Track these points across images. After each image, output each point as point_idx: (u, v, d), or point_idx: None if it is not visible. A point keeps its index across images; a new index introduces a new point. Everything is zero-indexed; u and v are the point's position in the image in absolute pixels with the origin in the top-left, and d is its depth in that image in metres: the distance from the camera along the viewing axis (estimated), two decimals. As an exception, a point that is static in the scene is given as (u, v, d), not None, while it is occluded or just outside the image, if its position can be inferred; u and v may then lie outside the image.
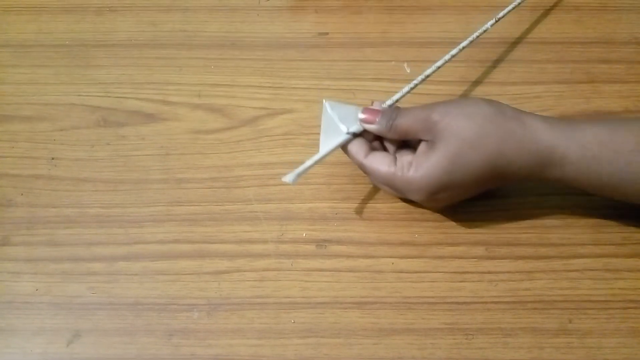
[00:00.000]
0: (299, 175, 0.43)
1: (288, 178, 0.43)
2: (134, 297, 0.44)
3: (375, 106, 0.44)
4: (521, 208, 0.46)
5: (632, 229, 0.45)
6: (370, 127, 0.43)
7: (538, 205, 0.46)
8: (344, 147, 0.44)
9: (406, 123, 0.42)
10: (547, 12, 0.56)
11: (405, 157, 0.42)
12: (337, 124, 0.44)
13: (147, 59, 0.54)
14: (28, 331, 0.43)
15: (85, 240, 0.46)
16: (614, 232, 0.45)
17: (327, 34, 0.55)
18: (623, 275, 0.44)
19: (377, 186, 0.47)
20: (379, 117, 0.43)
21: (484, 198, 0.46)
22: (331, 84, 0.52)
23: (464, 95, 0.52)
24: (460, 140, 0.40)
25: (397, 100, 0.45)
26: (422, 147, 0.42)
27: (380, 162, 0.43)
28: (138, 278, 0.44)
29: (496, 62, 0.53)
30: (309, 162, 0.44)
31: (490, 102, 0.42)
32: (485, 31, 0.48)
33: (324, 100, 0.44)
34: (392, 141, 0.44)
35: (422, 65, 0.46)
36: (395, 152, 0.44)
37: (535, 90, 0.52)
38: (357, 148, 0.44)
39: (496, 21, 0.48)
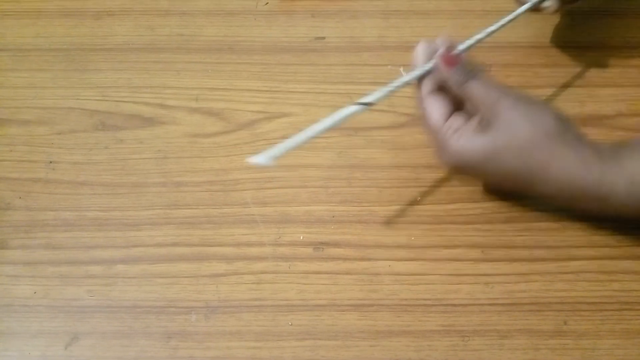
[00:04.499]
0: (276, 156, 0.38)
1: (259, 159, 0.38)
2: (132, 300, 0.44)
3: (443, 47, 0.42)
4: (517, 210, 0.47)
5: (627, 231, 0.45)
6: (443, 74, 0.42)
7: (534, 208, 0.47)
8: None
9: (477, 94, 0.41)
10: (542, 16, 0.56)
11: (457, 119, 0.41)
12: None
13: (144, 63, 0.54)
14: (26, 334, 0.43)
15: (83, 244, 0.46)
16: (609, 235, 0.46)
17: (324, 38, 0.56)
18: (618, 277, 0.44)
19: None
20: (456, 68, 0.41)
21: (480, 201, 0.47)
22: (328, 88, 0.53)
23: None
24: (512, 139, 0.39)
25: (469, 46, 0.44)
26: (475, 120, 0.41)
27: (435, 109, 0.42)
28: (136, 281, 0.45)
29: (491, 66, 0.53)
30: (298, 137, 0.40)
31: (558, 118, 0.41)
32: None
33: (401, 69, 0.43)
34: None
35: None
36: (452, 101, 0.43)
37: (530, 94, 0.52)
38: (428, 80, 0.42)
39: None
